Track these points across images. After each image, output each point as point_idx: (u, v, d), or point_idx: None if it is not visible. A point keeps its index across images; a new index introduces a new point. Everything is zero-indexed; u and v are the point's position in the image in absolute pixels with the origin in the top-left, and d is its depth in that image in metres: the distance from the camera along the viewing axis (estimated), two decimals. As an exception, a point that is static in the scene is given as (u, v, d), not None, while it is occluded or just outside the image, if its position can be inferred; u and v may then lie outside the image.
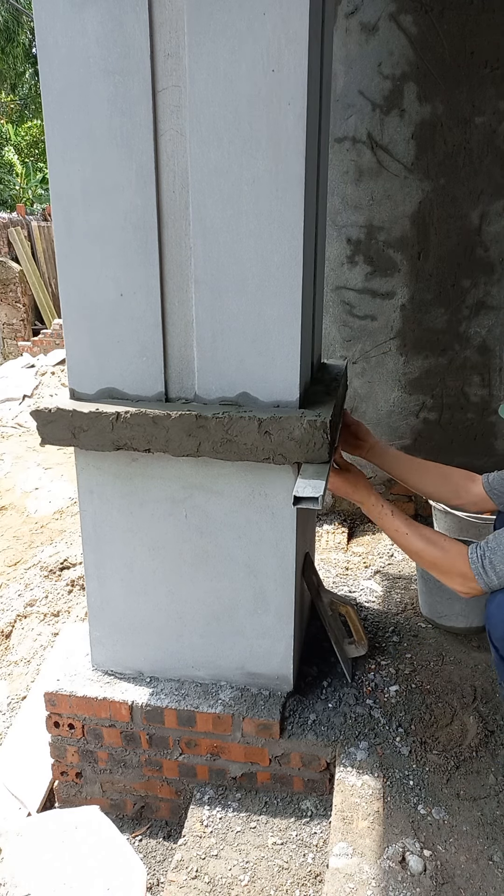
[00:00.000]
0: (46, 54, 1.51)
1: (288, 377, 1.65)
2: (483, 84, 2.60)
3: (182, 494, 1.78)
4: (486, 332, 2.89)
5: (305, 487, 1.51)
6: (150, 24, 1.46)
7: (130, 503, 1.81)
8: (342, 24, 2.64)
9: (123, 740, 1.92)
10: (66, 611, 3.09)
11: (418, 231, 2.82)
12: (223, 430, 1.60)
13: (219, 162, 1.51)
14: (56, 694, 1.92)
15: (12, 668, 2.82)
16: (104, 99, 1.52)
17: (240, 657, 1.90)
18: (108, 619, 1.95)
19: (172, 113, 1.52)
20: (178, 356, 1.70)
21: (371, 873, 1.46)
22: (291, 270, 1.56)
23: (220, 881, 1.61)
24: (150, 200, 1.57)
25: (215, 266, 1.59)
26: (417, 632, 2.26)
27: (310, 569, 2.05)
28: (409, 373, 3.01)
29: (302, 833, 1.74)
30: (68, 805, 2.02)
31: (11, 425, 6.59)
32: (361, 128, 2.74)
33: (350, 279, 2.94)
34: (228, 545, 1.80)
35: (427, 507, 3.04)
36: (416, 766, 1.72)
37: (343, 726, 1.84)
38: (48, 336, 9.87)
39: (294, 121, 1.45)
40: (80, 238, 1.63)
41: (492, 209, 2.74)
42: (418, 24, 2.58)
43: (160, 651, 1.94)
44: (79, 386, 1.76)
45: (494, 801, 1.62)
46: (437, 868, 1.46)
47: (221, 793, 1.88)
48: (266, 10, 1.39)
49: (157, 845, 1.92)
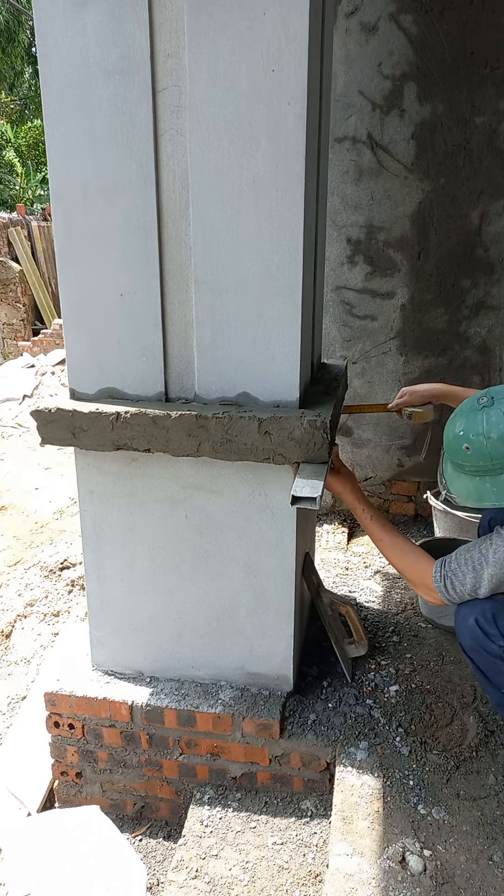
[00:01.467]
0: (46, 54, 1.51)
1: (288, 377, 1.65)
2: (483, 84, 2.60)
3: (182, 494, 1.78)
4: (486, 332, 2.89)
5: (303, 487, 1.51)
6: (150, 24, 1.46)
7: (130, 503, 1.81)
8: (342, 24, 2.64)
9: (123, 740, 1.92)
10: (66, 611, 3.09)
11: (418, 231, 2.82)
12: (223, 430, 1.60)
13: (219, 162, 1.51)
14: (56, 694, 1.92)
15: (12, 668, 2.82)
16: (104, 99, 1.52)
17: (240, 657, 1.90)
18: (108, 619, 1.95)
19: (172, 113, 1.52)
20: (178, 356, 1.70)
21: (371, 873, 1.46)
22: (291, 270, 1.56)
23: (220, 881, 1.61)
24: (150, 200, 1.57)
25: (215, 266, 1.59)
26: (417, 632, 2.26)
27: (310, 569, 2.05)
28: (409, 373, 3.01)
29: (302, 833, 1.74)
30: (68, 805, 2.02)
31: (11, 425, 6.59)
32: (361, 128, 2.74)
33: (350, 279, 2.94)
34: (228, 545, 1.80)
35: (427, 507, 3.04)
36: (416, 766, 1.72)
37: (343, 726, 1.84)
38: (48, 336, 9.87)
39: (294, 121, 1.45)
40: (80, 238, 1.63)
41: (492, 209, 2.74)
42: (418, 24, 2.58)
43: (160, 651, 1.94)
44: (79, 386, 1.76)
45: (494, 801, 1.62)
46: (437, 868, 1.46)
47: (221, 793, 1.88)
48: (266, 10, 1.39)
49: (157, 845, 1.92)
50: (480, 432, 1.44)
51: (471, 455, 1.46)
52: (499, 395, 1.47)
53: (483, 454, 1.44)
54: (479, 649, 1.55)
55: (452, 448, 1.52)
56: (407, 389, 2.01)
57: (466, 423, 1.48)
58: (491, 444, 1.42)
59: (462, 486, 1.52)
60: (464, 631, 1.57)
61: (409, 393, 1.99)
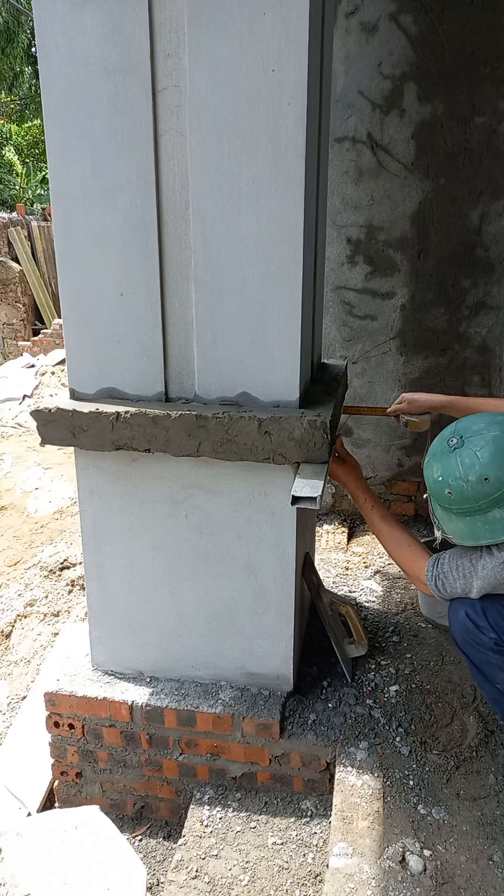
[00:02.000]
0: (46, 54, 1.51)
1: (288, 377, 1.65)
2: (483, 84, 2.60)
3: (182, 494, 1.78)
4: (486, 332, 2.89)
5: (303, 487, 1.51)
6: (150, 24, 1.46)
7: (130, 503, 1.81)
8: (342, 24, 2.64)
9: (123, 740, 1.92)
10: (66, 611, 3.09)
11: (418, 231, 2.82)
12: (223, 430, 1.60)
13: (219, 162, 1.51)
14: (56, 694, 1.92)
15: (12, 668, 2.82)
16: (104, 99, 1.52)
17: (240, 657, 1.90)
18: (108, 619, 1.95)
19: (172, 113, 1.52)
20: (178, 356, 1.70)
21: (371, 873, 1.46)
22: (291, 270, 1.56)
23: (220, 881, 1.61)
24: (150, 200, 1.57)
25: (215, 266, 1.59)
26: (417, 632, 2.26)
27: (310, 569, 2.05)
28: (409, 373, 3.01)
29: (302, 833, 1.74)
30: (68, 805, 2.02)
31: (11, 425, 6.58)
32: (361, 128, 2.74)
33: (350, 279, 2.94)
34: (228, 545, 1.80)
35: (427, 507, 3.04)
36: (416, 766, 1.72)
37: (343, 726, 1.84)
38: (48, 336, 9.87)
39: (294, 121, 1.45)
40: (80, 238, 1.63)
41: (492, 209, 2.74)
42: (418, 24, 2.58)
43: (160, 651, 1.94)
44: (79, 386, 1.76)
45: (494, 801, 1.62)
46: (437, 868, 1.46)
47: (221, 793, 1.88)
48: (266, 10, 1.39)
49: (157, 845, 1.92)
50: (458, 476, 1.43)
51: (455, 499, 1.46)
52: (466, 432, 1.46)
53: (466, 497, 1.44)
54: (470, 642, 1.57)
55: (435, 493, 1.52)
56: (407, 397, 1.99)
57: (443, 468, 1.47)
58: (471, 486, 1.42)
59: (455, 526, 1.52)
60: (455, 625, 1.59)
61: (408, 401, 1.98)
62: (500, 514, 1.43)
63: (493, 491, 1.40)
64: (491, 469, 1.40)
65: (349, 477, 1.83)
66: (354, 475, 1.83)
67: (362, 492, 1.81)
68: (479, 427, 1.45)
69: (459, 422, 1.51)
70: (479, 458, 1.41)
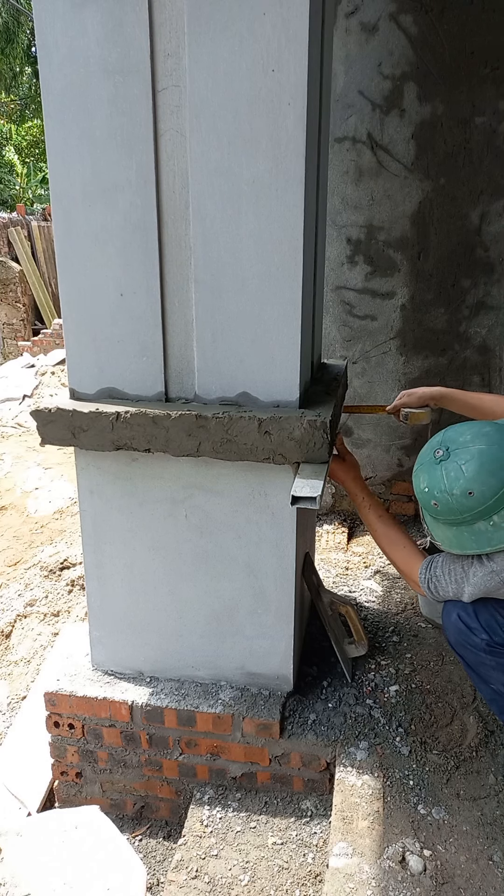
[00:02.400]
0: (46, 54, 1.51)
1: (288, 377, 1.65)
2: (483, 84, 2.60)
3: (182, 494, 1.78)
4: (486, 332, 2.89)
5: (303, 487, 1.51)
6: (150, 24, 1.46)
7: (130, 503, 1.81)
8: (342, 24, 2.64)
9: (123, 740, 1.92)
10: (66, 611, 3.09)
11: (418, 231, 2.82)
12: (223, 430, 1.60)
13: (219, 162, 1.51)
14: (56, 694, 1.92)
15: (12, 668, 2.82)
16: (104, 99, 1.52)
17: (240, 657, 1.90)
18: (108, 619, 1.95)
19: (172, 113, 1.52)
20: (178, 356, 1.70)
21: (371, 873, 1.46)
22: (291, 270, 1.56)
23: (220, 881, 1.61)
24: (150, 200, 1.57)
25: (215, 266, 1.59)
26: (417, 632, 2.26)
27: (310, 569, 2.05)
28: (409, 373, 3.01)
29: (302, 833, 1.74)
30: (68, 805, 2.02)
31: (11, 425, 6.58)
32: (361, 128, 2.74)
33: (350, 279, 2.94)
34: (228, 545, 1.80)
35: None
36: (416, 766, 1.72)
37: (343, 726, 1.84)
38: (48, 336, 9.87)
39: (294, 121, 1.45)
40: (80, 238, 1.63)
41: (492, 209, 2.74)
42: (418, 24, 2.58)
43: (160, 651, 1.94)
44: (79, 386, 1.76)
45: (494, 801, 1.62)
46: (437, 868, 1.46)
47: (221, 793, 1.88)
48: (266, 10, 1.39)
49: (157, 845, 1.92)
50: (443, 489, 1.44)
51: (441, 510, 1.47)
52: (453, 444, 1.46)
53: (451, 509, 1.45)
54: (463, 643, 1.57)
55: (423, 503, 1.53)
56: (405, 392, 2.01)
57: (429, 479, 1.48)
58: (455, 499, 1.43)
59: (443, 534, 1.54)
60: (449, 627, 1.60)
61: (407, 395, 2.00)
62: (484, 527, 1.44)
63: (477, 505, 1.41)
64: (475, 483, 1.40)
65: (347, 475, 1.83)
66: (353, 474, 1.84)
67: (360, 490, 1.81)
68: (465, 439, 1.46)
69: (447, 431, 1.51)
70: (464, 472, 1.42)
